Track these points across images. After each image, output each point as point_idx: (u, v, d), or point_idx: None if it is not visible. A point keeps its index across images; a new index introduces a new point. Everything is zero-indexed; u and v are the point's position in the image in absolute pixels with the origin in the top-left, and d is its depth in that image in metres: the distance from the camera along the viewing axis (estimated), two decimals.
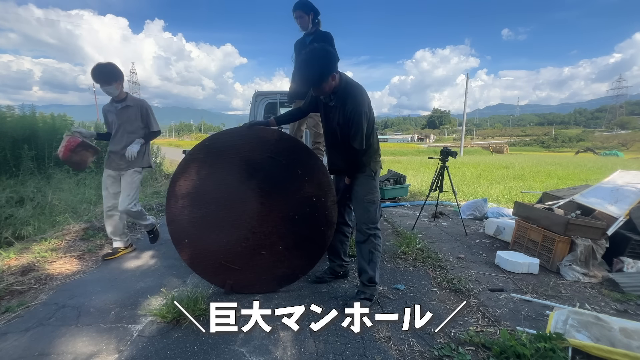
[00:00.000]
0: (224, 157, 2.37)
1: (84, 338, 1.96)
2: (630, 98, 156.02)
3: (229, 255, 2.39)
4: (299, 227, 2.38)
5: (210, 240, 2.39)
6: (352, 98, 2.06)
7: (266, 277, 2.46)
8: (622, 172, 3.81)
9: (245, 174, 2.37)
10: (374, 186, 2.28)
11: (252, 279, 2.44)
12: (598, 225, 2.86)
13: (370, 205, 2.26)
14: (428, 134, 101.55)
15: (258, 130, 2.41)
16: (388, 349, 1.87)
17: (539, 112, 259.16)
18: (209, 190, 2.37)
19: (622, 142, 51.93)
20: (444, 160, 4.25)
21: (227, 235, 2.38)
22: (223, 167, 2.36)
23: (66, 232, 3.78)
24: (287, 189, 2.37)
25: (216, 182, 2.36)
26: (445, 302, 2.39)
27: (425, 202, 4.67)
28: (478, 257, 3.32)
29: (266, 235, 2.40)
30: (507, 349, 1.70)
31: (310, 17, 3.15)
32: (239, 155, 2.36)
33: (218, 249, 2.38)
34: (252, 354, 1.82)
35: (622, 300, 2.42)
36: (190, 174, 2.38)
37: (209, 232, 2.38)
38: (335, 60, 2.05)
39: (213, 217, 2.36)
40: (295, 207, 2.38)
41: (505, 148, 42.48)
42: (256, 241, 2.39)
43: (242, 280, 2.43)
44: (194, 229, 2.38)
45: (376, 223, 2.28)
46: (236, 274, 2.42)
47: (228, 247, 2.39)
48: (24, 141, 5.01)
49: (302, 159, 2.38)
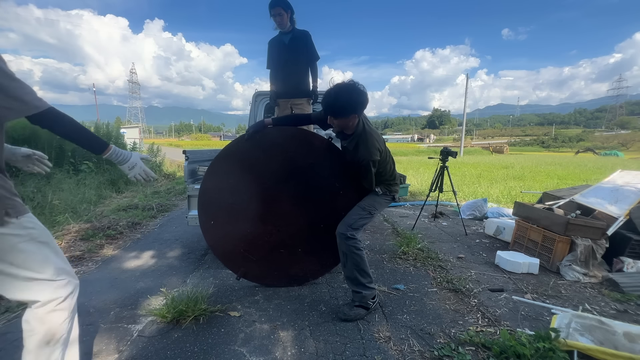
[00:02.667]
0: (269, 152, 2.37)
1: (83, 338, 1.95)
2: (630, 98, 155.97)
3: (249, 246, 2.44)
4: (322, 236, 2.39)
5: (235, 228, 2.43)
6: (364, 146, 2.05)
7: (278, 274, 2.53)
8: (622, 172, 3.81)
9: (285, 175, 2.39)
10: (377, 201, 2.25)
11: (265, 272, 2.51)
12: (598, 225, 2.86)
13: (361, 211, 2.21)
14: (428, 134, 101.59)
15: (308, 134, 2.43)
16: (388, 349, 1.87)
17: (539, 112, 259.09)
18: (247, 181, 2.39)
19: (622, 142, 51.93)
20: (444, 160, 4.25)
21: (253, 227, 2.42)
22: (266, 163, 2.38)
23: (66, 232, 3.78)
24: (321, 198, 2.39)
25: (256, 175, 2.39)
26: (445, 302, 2.39)
27: (425, 202, 4.67)
28: (478, 257, 3.32)
29: (290, 236, 2.45)
30: (507, 349, 1.70)
31: (288, 14, 3.06)
32: (284, 155, 2.37)
33: (241, 238, 2.43)
34: (252, 354, 1.82)
35: (622, 300, 2.42)
36: (234, 159, 2.41)
37: (236, 220, 2.41)
38: (363, 105, 2.02)
39: (244, 207, 2.40)
40: (324, 217, 2.39)
41: (505, 148, 42.48)
42: (279, 239, 2.44)
43: (255, 270, 2.50)
44: (223, 214, 2.41)
45: (357, 230, 2.18)
46: (251, 264, 2.48)
47: (251, 238, 2.44)
48: (24, 141, 5.01)
49: (343, 173, 2.35)
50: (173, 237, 3.93)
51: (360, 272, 2.15)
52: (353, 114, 2.01)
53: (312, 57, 3.29)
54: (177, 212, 5.21)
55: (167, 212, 5.19)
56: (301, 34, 3.19)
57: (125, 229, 4.11)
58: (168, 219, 4.78)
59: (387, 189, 2.26)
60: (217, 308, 2.23)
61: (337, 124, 2.07)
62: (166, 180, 8.19)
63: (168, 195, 6.41)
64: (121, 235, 3.94)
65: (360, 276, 2.16)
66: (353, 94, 1.97)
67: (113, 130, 7.06)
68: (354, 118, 2.03)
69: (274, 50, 3.28)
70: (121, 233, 3.99)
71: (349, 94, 1.96)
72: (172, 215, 5.04)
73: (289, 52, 3.19)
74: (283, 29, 3.15)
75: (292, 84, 3.28)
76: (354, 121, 2.05)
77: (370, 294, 2.18)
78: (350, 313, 2.15)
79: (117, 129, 7.38)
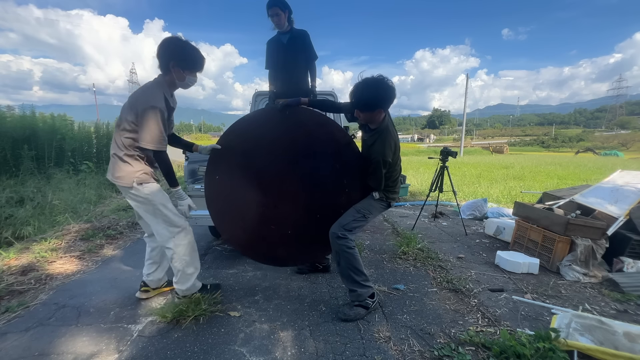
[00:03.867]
0: (292, 129, 2.37)
1: (84, 338, 1.96)
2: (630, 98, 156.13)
3: (244, 210, 2.42)
4: (315, 226, 2.36)
5: (235, 190, 2.42)
6: (381, 144, 2.06)
7: (260, 249, 2.48)
8: (622, 172, 3.81)
9: (299, 157, 2.37)
10: (372, 206, 2.23)
11: (250, 244, 2.47)
12: (598, 225, 2.86)
13: (355, 213, 2.20)
14: (428, 134, 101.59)
15: (334, 126, 2.38)
16: (388, 349, 1.87)
17: (539, 112, 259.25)
18: (262, 147, 2.38)
19: (622, 142, 51.93)
20: (444, 160, 4.25)
21: (253, 193, 2.40)
22: (284, 137, 2.37)
23: (66, 232, 3.78)
24: (326, 190, 2.35)
25: (270, 145, 2.37)
26: (445, 302, 2.39)
27: (425, 202, 4.67)
28: (478, 257, 3.32)
29: (284, 216, 2.41)
30: (507, 349, 1.69)
31: (286, 14, 3.04)
32: (304, 137, 2.35)
33: (238, 200, 2.42)
34: (252, 354, 1.82)
35: (622, 300, 2.42)
36: (257, 123, 2.42)
37: (239, 182, 2.40)
38: (390, 100, 2.04)
39: (250, 170, 2.39)
40: (322, 209, 2.36)
41: (505, 148, 42.47)
42: (272, 214, 2.40)
43: (241, 239, 2.47)
44: (228, 170, 2.40)
45: (350, 231, 2.17)
46: (238, 231, 2.45)
47: (247, 203, 2.41)
48: (24, 141, 5.01)
49: (354, 174, 2.31)
50: None
51: (353, 270, 2.16)
52: (379, 109, 2.03)
53: (311, 56, 3.29)
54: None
55: None
56: (299, 34, 3.18)
57: (125, 229, 4.11)
58: None
59: (385, 195, 2.22)
60: (217, 308, 2.23)
61: (362, 117, 2.11)
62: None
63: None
64: (121, 235, 3.94)
65: (355, 274, 2.16)
66: (380, 89, 1.99)
67: (113, 130, 7.05)
68: (380, 113, 2.05)
69: (273, 51, 3.26)
70: (121, 233, 3.99)
71: (375, 89, 1.98)
72: None
73: (287, 52, 3.16)
74: (281, 29, 3.13)
75: (292, 84, 3.26)
76: (379, 116, 2.07)
77: (366, 292, 2.18)
78: (350, 313, 2.15)
79: None
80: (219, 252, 3.46)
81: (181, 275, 2.20)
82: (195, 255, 2.27)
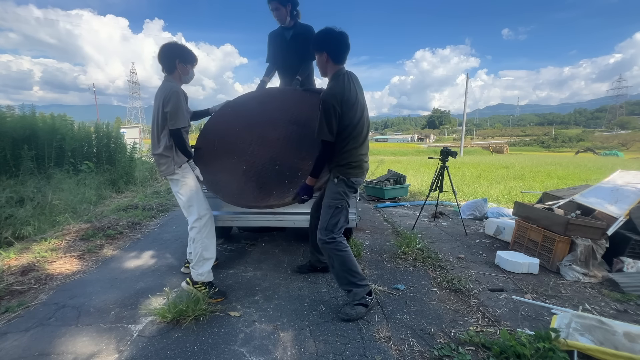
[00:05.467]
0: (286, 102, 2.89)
1: (84, 338, 1.96)
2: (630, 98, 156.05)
3: (232, 151, 2.75)
4: (276, 176, 2.51)
5: (229, 134, 2.83)
6: (328, 87, 2.08)
7: (234, 191, 2.56)
8: (622, 172, 3.81)
9: (282, 121, 2.76)
10: (336, 192, 2.15)
11: (230, 187, 2.57)
12: (598, 225, 2.86)
13: (327, 209, 2.16)
14: (428, 134, 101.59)
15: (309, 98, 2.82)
16: (388, 349, 1.87)
17: (539, 112, 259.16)
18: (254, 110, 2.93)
19: (622, 142, 51.92)
20: (444, 160, 4.25)
21: (242, 140, 2.78)
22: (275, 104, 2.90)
23: (66, 232, 3.78)
24: (297, 153, 2.57)
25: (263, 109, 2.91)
26: (445, 302, 2.39)
27: (425, 202, 4.67)
28: (478, 257, 3.32)
29: (260, 159, 2.64)
30: (507, 349, 1.70)
31: (287, 8, 2.90)
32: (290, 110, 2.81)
33: (229, 144, 2.78)
34: (252, 354, 1.82)
35: (622, 300, 2.42)
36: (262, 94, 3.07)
37: (235, 133, 2.82)
38: (329, 43, 2.04)
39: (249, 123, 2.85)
40: (289, 165, 2.53)
41: (505, 148, 42.48)
42: (250, 163, 2.65)
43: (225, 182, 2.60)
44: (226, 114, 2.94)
45: (332, 230, 2.15)
46: (225, 176, 2.62)
47: (235, 145, 2.77)
48: (24, 141, 5.00)
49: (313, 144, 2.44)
50: (173, 237, 3.93)
51: (347, 271, 2.17)
52: (322, 51, 2.05)
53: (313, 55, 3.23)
54: (177, 212, 5.21)
55: (167, 212, 5.19)
56: (304, 30, 3.01)
57: (125, 229, 4.11)
58: (168, 219, 4.79)
59: (343, 174, 2.11)
60: (217, 308, 2.24)
61: (317, 64, 2.17)
62: (166, 180, 8.18)
63: (168, 195, 6.40)
64: (121, 235, 3.94)
65: (349, 275, 2.17)
66: (322, 32, 2.07)
67: (113, 130, 7.03)
68: (324, 57, 2.06)
69: (275, 45, 3.12)
70: (121, 233, 3.99)
71: (319, 31, 2.10)
72: (172, 215, 5.04)
73: (289, 49, 3.04)
74: (283, 23, 3.01)
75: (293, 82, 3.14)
76: (327, 63, 2.08)
77: (362, 291, 2.19)
78: (351, 312, 2.16)
79: (117, 129, 7.33)
80: (219, 252, 3.45)
81: (199, 258, 2.40)
82: (214, 242, 2.50)
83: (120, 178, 6.60)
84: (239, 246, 3.59)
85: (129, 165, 7.11)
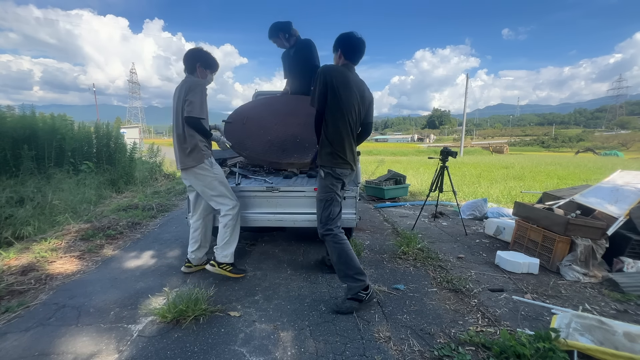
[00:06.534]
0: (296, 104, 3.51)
1: (84, 338, 1.96)
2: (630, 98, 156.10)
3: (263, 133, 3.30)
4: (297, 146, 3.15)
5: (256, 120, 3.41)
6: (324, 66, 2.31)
7: (258, 151, 3.12)
8: (622, 172, 3.81)
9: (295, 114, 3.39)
10: (324, 185, 2.32)
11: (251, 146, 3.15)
12: (598, 225, 2.86)
13: (318, 204, 2.34)
14: (428, 134, 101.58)
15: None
16: (388, 349, 1.87)
17: (539, 112, 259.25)
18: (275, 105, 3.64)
19: (622, 142, 51.92)
20: (444, 160, 4.25)
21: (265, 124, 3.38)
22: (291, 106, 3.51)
23: (66, 232, 3.78)
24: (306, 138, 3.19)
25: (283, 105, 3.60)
26: (445, 302, 2.39)
27: (425, 202, 4.67)
28: (478, 257, 3.32)
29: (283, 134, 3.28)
30: (507, 349, 1.70)
31: (282, 36, 3.44)
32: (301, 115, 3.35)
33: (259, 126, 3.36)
34: (252, 354, 1.82)
35: (622, 300, 2.42)
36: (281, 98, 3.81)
37: (262, 116, 3.45)
38: (345, 43, 2.27)
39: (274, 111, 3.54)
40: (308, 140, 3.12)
41: (505, 148, 42.47)
42: (275, 135, 3.26)
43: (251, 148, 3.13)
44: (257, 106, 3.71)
45: (327, 224, 2.28)
46: (254, 143, 3.18)
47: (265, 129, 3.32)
48: (24, 141, 5.00)
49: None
50: (173, 237, 3.93)
51: (344, 263, 2.23)
52: (336, 50, 2.28)
53: (314, 66, 3.49)
54: (177, 212, 5.21)
55: (167, 212, 5.18)
56: (303, 46, 3.52)
57: (125, 229, 4.11)
58: (168, 219, 4.78)
59: (328, 164, 2.28)
60: (217, 308, 2.24)
61: (333, 61, 2.37)
62: (166, 180, 8.18)
63: (168, 195, 6.41)
64: (121, 235, 3.94)
65: (346, 268, 2.23)
66: (343, 33, 2.28)
67: (113, 130, 7.03)
68: (338, 54, 2.27)
69: (285, 63, 3.73)
70: (121, 233, 3.99)
71: (342, 33, 2.29)
72: (172, 215, 5.04)
73: (294, 63, 3.60)
74: (285, 48, 3.58)
75: (302, 92, 3.64)
76: (337, 59, 2.30)
77: (358, 286, 2.22)
78: (342, 306, 2.23)
79: (117, 129, 7.33)
80: None
81: (227, 241, 2.63)
82: (239, 229, 2.73)
83: (120, 178, 6.60)
84: (239, 246, 3.56)
85: (129, 165, 7.11)
